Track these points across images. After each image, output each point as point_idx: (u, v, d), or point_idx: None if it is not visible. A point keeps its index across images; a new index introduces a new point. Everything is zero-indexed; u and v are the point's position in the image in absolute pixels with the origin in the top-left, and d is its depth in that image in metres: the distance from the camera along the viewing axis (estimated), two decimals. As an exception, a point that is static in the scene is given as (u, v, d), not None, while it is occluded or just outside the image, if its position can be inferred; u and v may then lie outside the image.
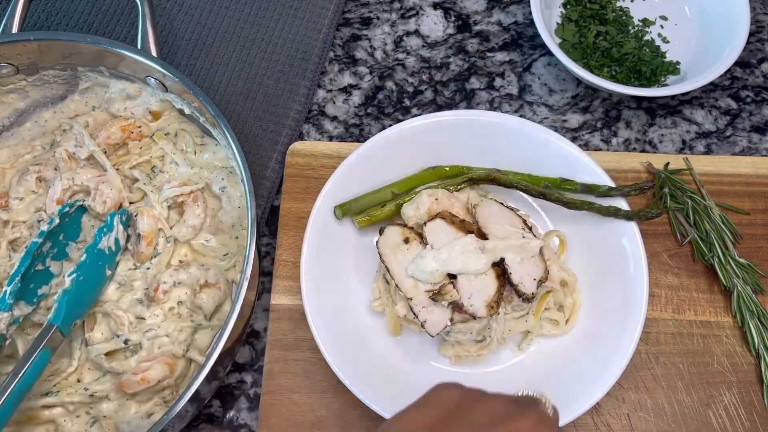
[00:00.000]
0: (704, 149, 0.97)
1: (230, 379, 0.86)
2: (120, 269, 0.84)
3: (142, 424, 0.77)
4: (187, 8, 1.02)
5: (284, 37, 1.00)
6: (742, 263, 0.86)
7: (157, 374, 0.76)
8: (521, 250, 0.78)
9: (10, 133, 0.91)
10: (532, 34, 1.04)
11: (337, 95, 1.00)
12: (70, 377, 0.80)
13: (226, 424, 0.84)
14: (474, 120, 0.86)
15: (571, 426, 0.81)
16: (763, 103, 0.99)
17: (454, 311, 0.78)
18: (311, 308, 0.79)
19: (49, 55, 0.86)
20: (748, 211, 0.91)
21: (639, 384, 0.83)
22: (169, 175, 0.88)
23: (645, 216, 0.82)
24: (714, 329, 0.86)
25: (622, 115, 0.99)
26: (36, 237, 0.79)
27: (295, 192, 0.91)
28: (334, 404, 0.82)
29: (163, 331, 0.79)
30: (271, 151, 0.94)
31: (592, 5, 1.01)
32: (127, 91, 0.90)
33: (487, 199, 0.84)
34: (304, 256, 0.81)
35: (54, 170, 0.87)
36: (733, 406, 0.82)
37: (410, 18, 1.05)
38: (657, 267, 0.88)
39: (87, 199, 0.85)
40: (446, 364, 0.83)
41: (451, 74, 1.01)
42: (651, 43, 1.01)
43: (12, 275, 0.77)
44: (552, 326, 0.82)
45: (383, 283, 0.83)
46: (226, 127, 0.79)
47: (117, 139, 0.88)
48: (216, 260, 0.85)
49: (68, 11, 1.02)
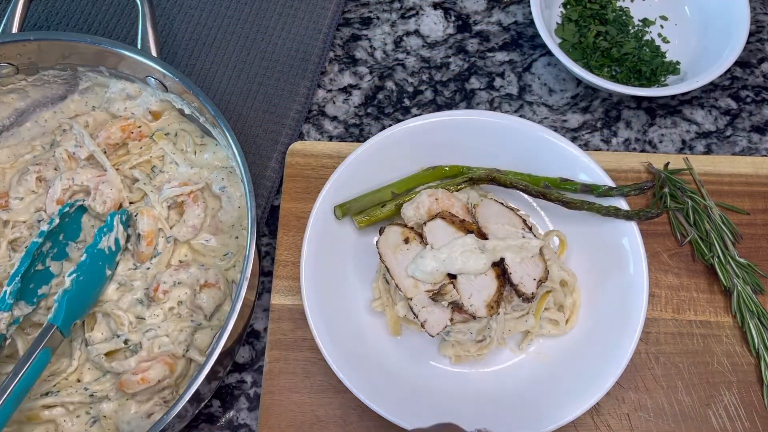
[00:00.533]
0: (704, 149, 0.97)
1: (230, 379, 0.86)
2: (120, 269, 0.84)
3: (142, 424, 0.77)
4: (187, 8, 1.02)
5: (284, 37, 1.00)
6: (742, 263, 0.86)
7: (157, 374, 0.76)
8: (521, 250, 0.78)
9: (10, 133, 0.91)
10: (532, 34, 1.04)
11: (337, 95, 1.00)
12: (70, 377, 0.80)
13: (226, 424, 0.84)
14: (474, 120, 0.86)
15: (571, 426, 0.81)
16: (763, 103, 0.99)
17: (454, 311, 0.78)
18: (311, 308, 0.79)
19: (49, 55, 0.86)
20: (748, 211, 0.91)
21: (639, 384, 0.83)
22: (169, 175, 0.88)
23: (645, 216, 0.82)
24: (714, 329, 0.86)
25: (622, 115, 0.99)
26: (36, 237, 0.79)
27: (295, 192, 0.91)
28: (334, 404, 0.82)
29: (163, 331, 0.79)
30: (271, 151, 0.94)
31: (592, 5, 1.01)
32: (127, 91, 0.90)
33: (487, 199, 0.84)
34: (304, 256, 0.81)
35: (54, 170, 0.87)
36: (733, 406, 0.82)
37: (410, 18, 1.05)
38: (657, 267, 0.88)
39: (87, 199, 0.85)
40: (446, 364, 0.83)
41: (451, 74, 1.01)
42: (651, 43, 1.01)
43: (12, 275, 0.78)
44: (552, 326, 0.82)
45: (383, 283, 0.83)
46: (226, 127, 0.79)
47: (117, 139, 0.88)
48: (216, 260, 0.85)
49: (68, 11, 1.02)
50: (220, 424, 0.84)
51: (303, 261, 0.81)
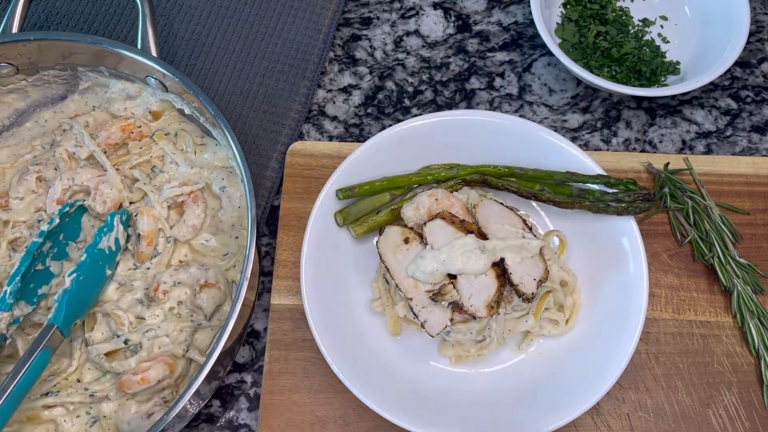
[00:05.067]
0: (704, 149, 0.97)
1: (230, 379, 0.86)
2: (120, 269, 0.84)
3: (142, 424, 0.77)
4: (187, 8, 1.02)
5: (284, 37, 1.00)
6: (742, 263, 0.86)
7: (157, 374, 0.76)
8: (521, 250, 0.78)
9: (10, 133, 0.91)
10: (532, 34, 1.04)
11: (337, 95, 1.00)
12: (70, 377, 0.80)
13: (226, 424, 0.84)
14: (474, 120, 0.86)
15: (571, 426, 0.81)
16: (763, 103, 0.99)
17: (454, 311, 0.78)
18: (311, 308, 0.79)
19: (49, 55, 0.86)
20: (748, 211, 0.91)
21: (639, 384, 0.83)
22: (169, 175, 0.88)
23: (634, 210, 0.82)
24: (714, 329, 0.86)
25: (622, 115, 0.99)
26: (36, 237, 0.79)
27: (295, 192, 0.91)
28: (334, 404, 0.82)
29: (163, 331, 0.79)
30: (271, 151, 0.94)
31: (592, 5, 1.01)
32: (127, 91, 0.90)
33: (487, 199, 0.84)
34: (304, 256, 0.81)
35: (54, 170, 0.87)
36: (733, 406, 0.82)
37: (410, 18, 1.05)
38: (657, 267, 0.88)
39: (87, 199, 0.85)
40: (446, 364, 0.83)
41: (451, 74, 1.01)
42: (651, 43, 1.01)
43: (12, 275, 0.78)
44: (552, 326, 0.82)
45: (383, 283, 0.83)
46: (226, 127, 0.79)
47: (117, 139, 0.88)
48: (216, 260, 0.85)
49: (68, 11, 1.02)
50: (220, 424, 0.84)
51: (303, 261, 0.81)
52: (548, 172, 0.85)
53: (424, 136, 0.87)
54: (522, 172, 0.86)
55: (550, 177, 0.85)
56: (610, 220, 0.84)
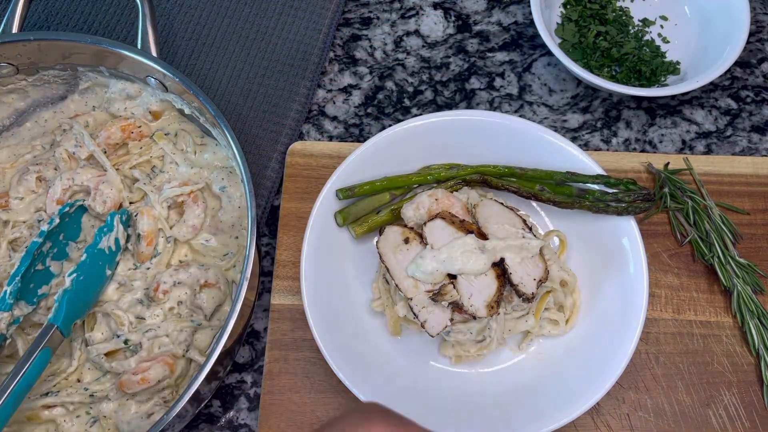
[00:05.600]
0: (704, 149, 0.97)
1: (230, 379, 0.86)
2: (120, 269, 0.84)
3: (142, 424, 0.77)
4: (187, 8, 1.02)
5: (284, 37, 1.00)
6: (742, 263, 0.86)
7: (157, 374, 0.76)
8: (521, 250, 0.78)
9: (10, 133, 0.91)
10: (532, 34, 1.04)
11: (337, 95, 1.00)
12: (70, 377, 0.80)
13: (226, 424, 0.84)
14: (474, 120, 0.86)
15: (571, 426, 0.81)
16: (763, 103, 0.99)
17: (454, 311, 0.78)
18: (311, 308, 0.79)
19: (49, 55, 0.86)
20: (748, 211, 0.91)
21: (639, 384, 0.83)
22: (169, 175, 0.88)
23: (635, 210, 0.82)
24: (714, 329, 0.86)
25: (622, 115, 0.99)
26: (36, 237, 0.79)
27: (295, 192, 0.91)
28: (334, 404, 0.82)
29: (163, 331, 0.79)
30: (271, 151, 0.94)
31: (592, 5, 1.01)
32: (127, 91, 0.90)
33: (487, 199, 0.84)
34: (304, 256, 0.81)
35: (54, 170, 0.87)
36: (733, 406, 0.82)
37: (410, 18, 1.05)
38: (657, 267, 0.88)
39: (87, 199, 0.85)
40: (446, 364, 0.83)
41: (451, 74, 1.01)
42: (651, 43, 1.01)
43: (12, 275, 0.78)
44: (552, 326, 0.82)
45: (383, 283, 0.83)
46: (226, 127, 0.79)
47: (117, 139, 0.88)
48: (216, 260, 0.85)
49: (68, 11, 1.02)
50: (220, 424, 0.84)
51: (303, 261, 0.81)
52: (548, 172, 0.85)
53: (424, 136, 0.87)
54: (522, 172, 0.86)
55: (550, 177, 0.85)
56: (610, 220, 0.84)
